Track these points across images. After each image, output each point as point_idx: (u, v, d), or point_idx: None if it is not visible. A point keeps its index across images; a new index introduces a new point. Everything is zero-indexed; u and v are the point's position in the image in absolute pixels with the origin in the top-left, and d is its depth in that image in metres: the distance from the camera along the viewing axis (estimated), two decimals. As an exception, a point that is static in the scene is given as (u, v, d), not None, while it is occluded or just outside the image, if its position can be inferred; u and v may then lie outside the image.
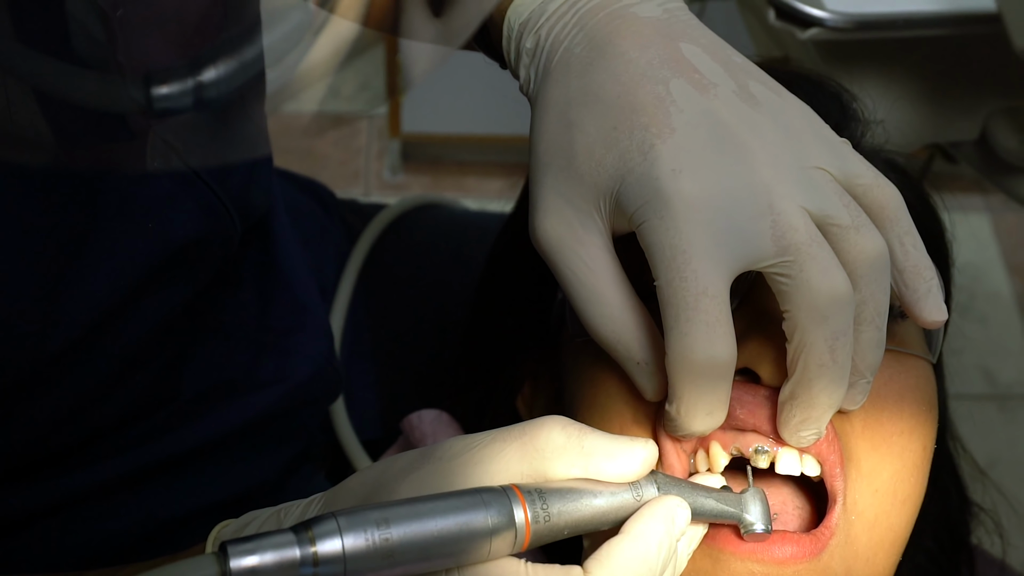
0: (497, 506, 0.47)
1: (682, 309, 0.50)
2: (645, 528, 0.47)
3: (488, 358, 0.75)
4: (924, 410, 0.60)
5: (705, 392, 0.51)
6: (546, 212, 0.54)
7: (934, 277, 0.55)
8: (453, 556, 0.46)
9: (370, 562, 0.45)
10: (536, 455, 0.48)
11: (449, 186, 2.00)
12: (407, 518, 0.46)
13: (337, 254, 0.95)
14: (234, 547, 0.44)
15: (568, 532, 0.48)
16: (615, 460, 0.48)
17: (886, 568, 0.58)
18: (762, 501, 0.53)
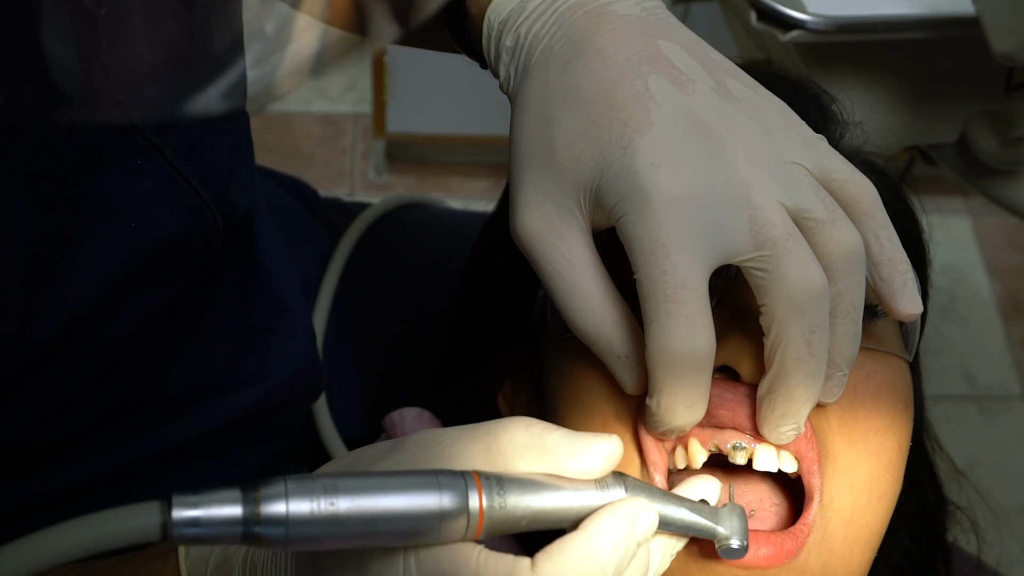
0: (451, 489, 0.46)
1: (661, 302, 0.50)
2: (601, 526, 0.47)
3: (469, 356, 0.76)
4: (900, 408, 0.60)
5: (685, 385, 0.51)
6: (526, 208, 0.55)
7: (909, 271, 0.55)
8: (401, 535, 0.46)
9: (313, 528, 0.45)
10: (499, 455, 0.48)
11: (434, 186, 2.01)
12: (356, 490, 0.46)
13: (320, 253, 0.95)
14: (179, 498, 0.45)
15: (527, 524, 0.48)
16: (577, 457, 0.48)
17: (862, 564, 0.58)
18: (740, 517, 0.52)
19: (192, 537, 0.45)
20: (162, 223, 0.64)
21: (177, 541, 0.44)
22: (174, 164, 0.65)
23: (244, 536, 0.45)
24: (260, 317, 0.79)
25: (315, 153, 2.05)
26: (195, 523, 0.44)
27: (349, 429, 0.90)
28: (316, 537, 0.45)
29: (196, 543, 0.45)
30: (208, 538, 0.45)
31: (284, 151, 2.02)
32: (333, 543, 0.46)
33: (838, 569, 0.57)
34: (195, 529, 0.44)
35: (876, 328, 0.62)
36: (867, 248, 0.54)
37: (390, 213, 1.00)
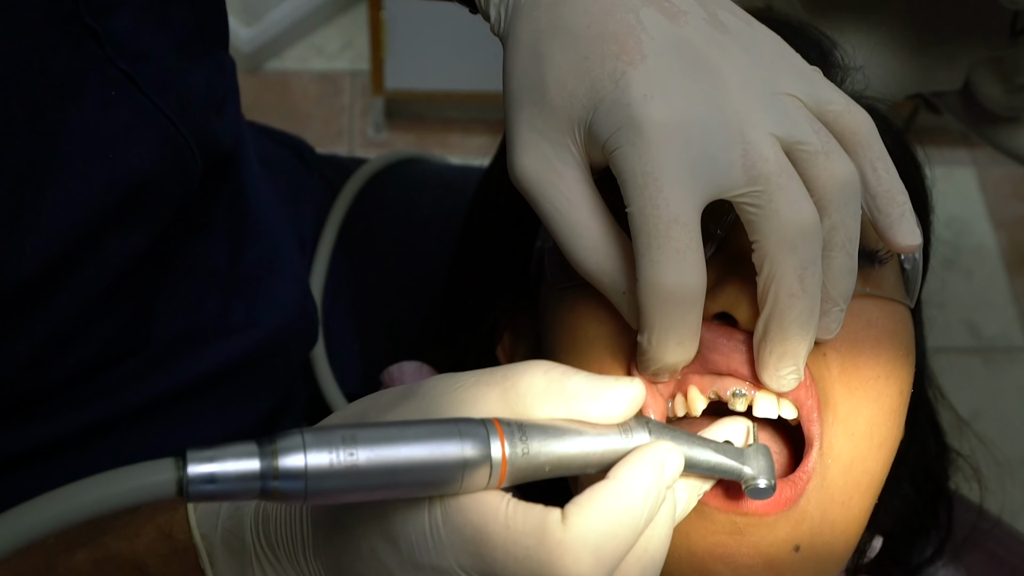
0: (473, 437, 0.45)
1: (653, 237, 0.50)
2: (630, 473, 0.46)
3: (468, 309, 0.75)
4: (901, 355, 0.60)
5: (676, 320, 0.51)
6: (523, 148, 0.54)
7: (907, 202, 0.55)
8: (422, 485, 0.45)
9: (333, 481, 0.44)
10: (517, 399, 0.47)
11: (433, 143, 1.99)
12: (376, 440, 0.44)
13: (316, 209, 0.94)
14: (194, 453, 0.43)
15: (550, 470, 0.47)
16: (599, 400, 0.47)
17: (862, 511, 0.58)
18: (766, 456, 0.51)
19: (208, 494, 0.43)
20: (138, 156, 0.63)
21: (193, 499, 0.43)
22: (149, 96, 0.64)
23: (262, 491, 0.43)
24: (249, 264, 0.78)
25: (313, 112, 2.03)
26: (211, 479, 0.43)
27: (349, 384, 0.90)
28: (336, 490, 0.44)
29: (212, 499, 0.44)
30: (225, 494, 0.43)
31: (282, 110, 2.00)
32: (353, 496, 0.44)
33: (837, 516, 0.57)
34: (211, 486, 0.43)
35: (877, 274, 0.61)
36: (863, 180, 0.54)
37: (388, 169, 1.00)
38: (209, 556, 0.51)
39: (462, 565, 0.45)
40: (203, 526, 0.52)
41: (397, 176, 1.00)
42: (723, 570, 0.54)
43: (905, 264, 0.63)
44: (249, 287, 0.78)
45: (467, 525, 0.45)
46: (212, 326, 0.76)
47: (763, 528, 0.54)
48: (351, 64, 2.11)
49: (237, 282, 0.78)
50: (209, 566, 0.51)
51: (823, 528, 0.56)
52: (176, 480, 0.43)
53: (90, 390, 0.71)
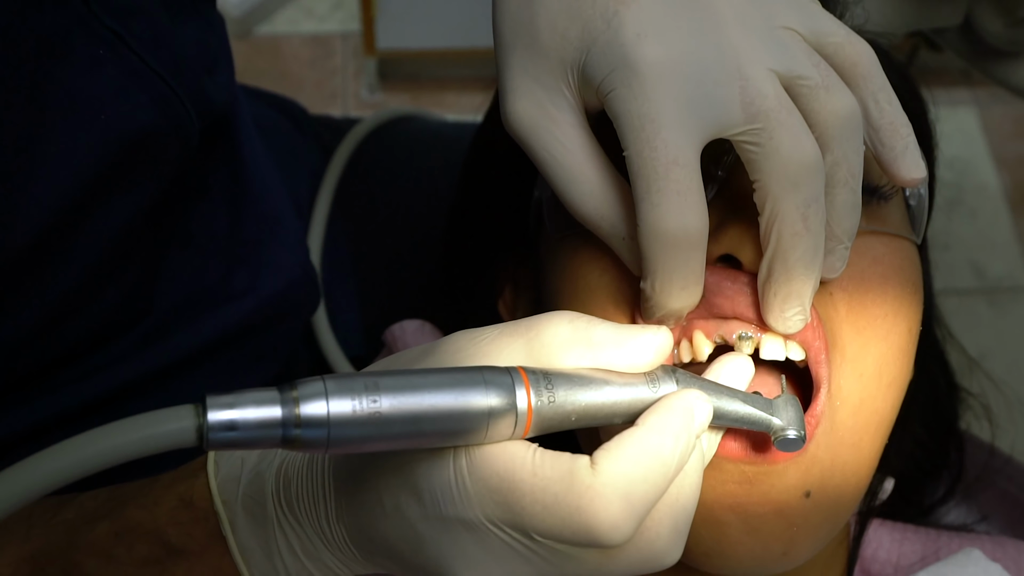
0: (498, 385, 0.44)
1: (652, 179, 0.49)
2: (660, 421, 0.45)
3: (468, 263, 0.74)
4: (909, 292, 0.59)
5: (679, 264, 0.50)
6: (516, 94, 0.53)
7: (911, 134, 0.53)
8: (446, 434, 0.44)
9: (355, 428, 0.42)
10: (542, 350, 0.46)
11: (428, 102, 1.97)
12: (399, 388, 0.43)
13: (311, 171, 0.93)
14: (214, 399, 0.42)
15: (576, 419, 0.46)
16: (625, 349, 0.47)
17: (872, 452, 0.58)
18: (795, 407, 0.50)
19: (228, 441, 0.42)
20: (131, 117, 0.62)
21: (212, 446, 0.42)
22: (139, 54, 0.62)
23: (284, 439, 0.42)
24: (250, 228, 0.77)
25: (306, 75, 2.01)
26: (232, 426, 0.42)
27: (352, 347, 0.89)
28: (359, 438, 0.43)
29: (232, 448, 0.42)
30: (245, 442, 0.42)
31: (274, 75, 1.98)
32: (376, 444, 0.43)
33: (848, 459, 0.56)
34: (232, 433, 0.42)
35: (882, 211, 0.60)
36: (866, 112, 0.53)
37: (382, 128, 0.98)
38: (230, 522, 0.51)
39: (489, 516, 0.45)
40: (224, 492, 0.51)
41: (392, 135, 0.99)
42: (733, 520, 0.54)
43: (910, 200, 0.62)
44: (250, 252, 0.77)
45: (493, 475, 0.44)
46: (214, 292, 0.75)
47: (773, 476, 0.54)
48: (342, 25, 2.08)
49: (238, 247, 0.77)
50: (231, 532, 0.51)
51: (834, 472, 0.55)
52: (196, 427, 0.42)
53: (94, 362, 0.70)
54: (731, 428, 0.52)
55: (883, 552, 0.67)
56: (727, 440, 0.53)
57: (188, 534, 0.51)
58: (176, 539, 0.52)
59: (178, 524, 0.51)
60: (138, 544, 0.52)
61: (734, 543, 0.54)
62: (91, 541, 0.53)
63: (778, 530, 0.54)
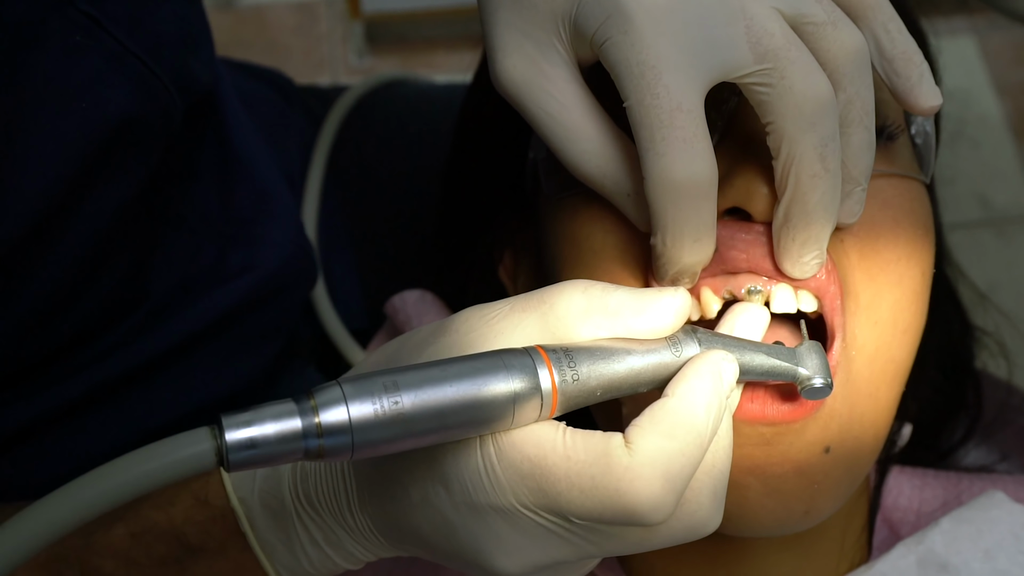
0: (519, 368, 0.43)
1: (656, 128, 0.47)
2: (690, 388, 0.44)
3: (465, 230, 0.73)
4: (921, 234, 0.57)
5: (690, 216, 0.48)
6: (505, 51, 0.51)
7: (924, 62, 0.52)
8: (473, 424, 0.43)
9: (380, 431, 0.41)
10: (558, 323, 0.44)
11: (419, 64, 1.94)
12: (419, 383, 0.42)
13: (302, 143, 0.92)
14: (230, 419, 0.41)
15: (602, 394, 0.44)
16: (645, 315, 0.45)
17: (890, 402, 0.56)
18: (819, 354, 0.49)
19: (250, 460, 0.41)
20: (113, 102, 0.60)
21: (236, 467, 0.40)
22: (117, 37, 0.61)
23: (307, 451, 0.41)
24: (241, 207, 0.76)
25: (292, 43, 1.98)
26: (251, 444, 0.40)
27: (354, 320, 0.88)
28: (384, 440, 0.42)
29: (254, 466, 0.41)
30: (268, 459, 0.41)
31: (260, 45, 1.95)
32: (402, 444, 0.42)
33: (866, 409, 0.55)
34: (253, 451, 0.40)
35: (889, 152, 0.58)
36: (878, 44, 0.51)
37: (371, 94, 0.96)
38: (249, 519, 0.50)
39: (523, 502, 0.43)
40: (240, 489, 0.50)
41: (382, 100, 0.97)
42: (753, 483, 0.53)
43: (916, 138, 0.60)
44: (243, 230, 0.76)
45: (524, 460, 0.43)
46: (209, 274, 0.74)
47: (791, 435, 0.52)
48: (326, -9, 2.04)
49: (230, 226, 0.75)
50: (250, 529, 0.50)
51: (852, 425, 0.54)
52: (214, 449, 0.41)
53: (92, 351, 0.69)
54: (747, 387, 0.50)
55: (904, 499, 0.66)
56: (743, 402, 0.52)
57: (206, 532, 0.50)
58: (194, 538, 0.51)
59: (195, 523, 0.50)
60: (156, 544, 0.51)
61: (755, 506, 0.53)
62: (107, 543, 0.52)
63: (799, 489, 0.53)
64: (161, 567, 0.51)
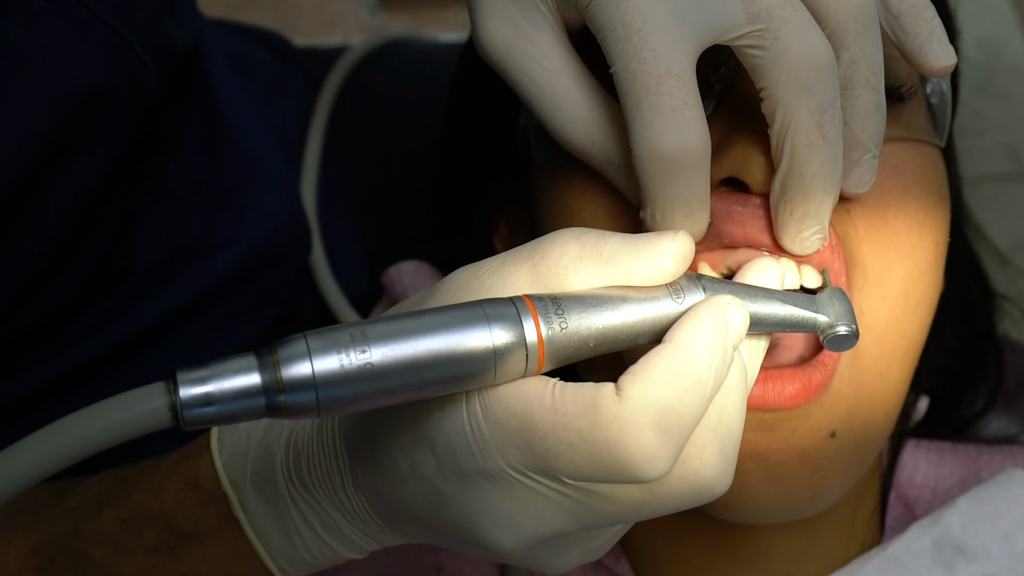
0: (501, 318, 0.39)
1: (644, 95, 0.44)
2: (689, 334, 0.40)
3: (458, 199, 0.70)
4: (934, 202, 0.54)
5: (680, 188, 0.45)
6: (488, 16, 0.48)
7: (935, 17, 0.48)
8: (451, 381, 0.40)
9: (347, 387, 0.38)
10: (550, 272, 0.41)
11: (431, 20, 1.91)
12: (391, 335, 0.39)
13: (300, 106, 0.89)
14: (185, 374, 0.38)
15: (595, 345, 0.41)
16: (642, 261, 0.42)
17: (901, 379, 0.53)
18: (841, 300, 0.45)
19: (207, 417, 0.38)
20: (80, 70, 0.58)
21: (191, 425, 0.38)
22: (83, 2, 0.58)
23: (268, 407, 0.38)
24: (229, 174, 0.74)
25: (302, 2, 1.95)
26: (208, 400, 0.38)
27: (357, 287, 0.86)
28: (352, 397, 0.39)
29: (212, 423, 0.39)
30: (225, 416, 0.38)
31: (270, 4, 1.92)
32: (373, 401, 0.39)
33: (875, 389, 0.52)
34: (210, 408, 0.38)
35: (901, 114, 0.55)
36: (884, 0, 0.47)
37: (372, 55, 0.94)
38: (241, 502, 0.48)
39: (512, 463, 0.41)
40: (231, 472, 0.48)
41: (384, 61, 0.94)
42: (754, 469, 0.50)
43: (931, 98, 0.57)
44: (232, 199, 0.74)
45: (511, 417, 0.40)
46: (197, 243, 0.72)
47: (794, 420, 0.50)
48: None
49: (219, 194, 0.73)
50: (242, 513, 0.48)
51: (860, 406, 0.51)
52: (168, 406, 0.38)
53: (80, 325, 0.67)
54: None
55: (920, 476, 0.64)
56: None
57: (197, 517, 0.49)
58: (185, 523, 0.49)
59: (185, 508, 0.49)
60: (146, 530, 0.49)
61: (756, 492, 0.50)
62: (97, 529, 0.50)
63: (803, 476, 0.50)
64: (152, 554, 0.50)
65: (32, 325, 0.65)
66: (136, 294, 0.69)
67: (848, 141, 0.47)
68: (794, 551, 0.59)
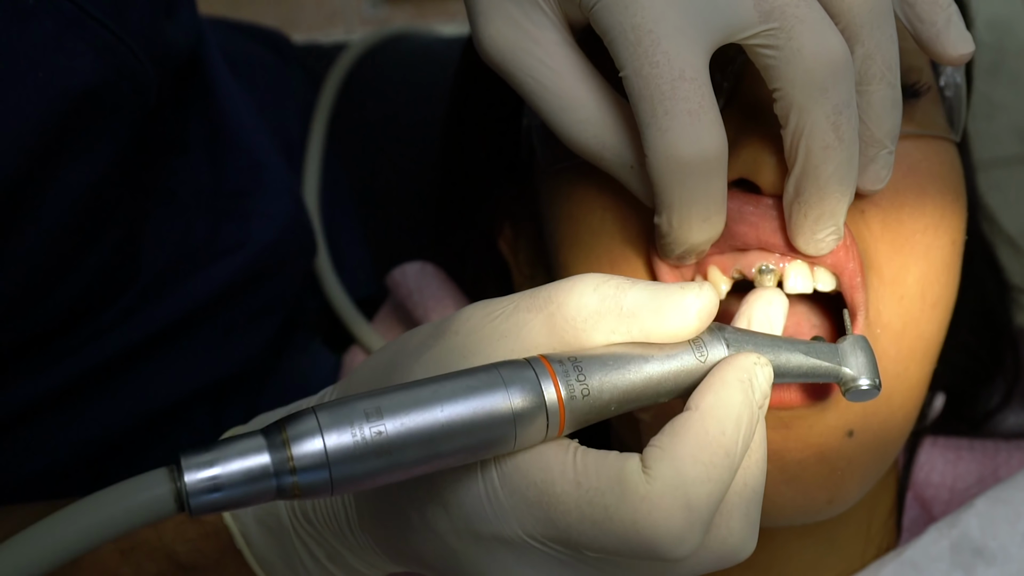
0: (520, 383, 0.38)
1: (658, 100, 0.42)
2: (717, 400, 0.39)
3: (463, 200, 0.69)
4: (950, 200, 0.53)
5: (698, 194, 0.44)
6: (488, 17, 0.47)
7: (951, 3, 0.47)
8: (469, 451, 0.38)
9: (361, 464, 0.37)
10: (567, 326, 0.40)
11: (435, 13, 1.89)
12: (405, 408, 0.37)
13: (300, 105, 0.88)
14: (189, 458, 0.37)
15: (616, 408, 0.40)
16: (664, 316, 0.40)
17: (920, 379, 0.52)
18: (864, 350, 0.44)
19: (216, 504, 0.37)
20: (71, 70, 0.56)
21: (199, 512, 0.37)
22: (76, 1, 0.57)
23: (279, 490, 0.37)
24: (233, 179, 0.72)
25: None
26: (215, 486, 0.36)
27: (362, 288, 0.85)
28: (367, 474, 0.37)
29: (222, 509, 0.37)
30: (235, 502, 0.37)
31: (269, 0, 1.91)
32: (389, 477, 0.38)
33: (893, 390, 0.51)
34: (217, 495, 0.36)
35: (915, 110, 0.53)
36: None
37: (373, 51, 0.92)
38: (244, 536, 0.47)
39: (530, 532, 0.39)
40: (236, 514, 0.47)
41: (385, 57, 0.93)
42: (770, 469, 0.49)
43: (946, 91, 0.55)
44: (236, 204, 0.73)
45: (530, 487, 0.39)
46: (203, 249, 0.71)
47: (810, 418, 0.48)
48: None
49: (223, 200, 0.72)
50: (246, 546, 0.47)
51: (878, 406, 0.50)
52: (173, 493, 0.37)
53: (85, 332, 0.66)
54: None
55: (937, 475, 0.62)
56: None
57: (198, 550, 0.48)
58: (185, 556, 0.48)
59: (186, 540, 0.48)
60: (146, 563, 0.48)
61: (772, 494, 0.49)
62: (95, 561, 0.49)
63: (820, 477, 0.49)
64: None
65: (37, 331, 0.64)
66: (142, 300, 0.68)
67: (864, 138, 0.46)
68: (810, 556, 0.58)
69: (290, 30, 1.00)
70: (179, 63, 0.68)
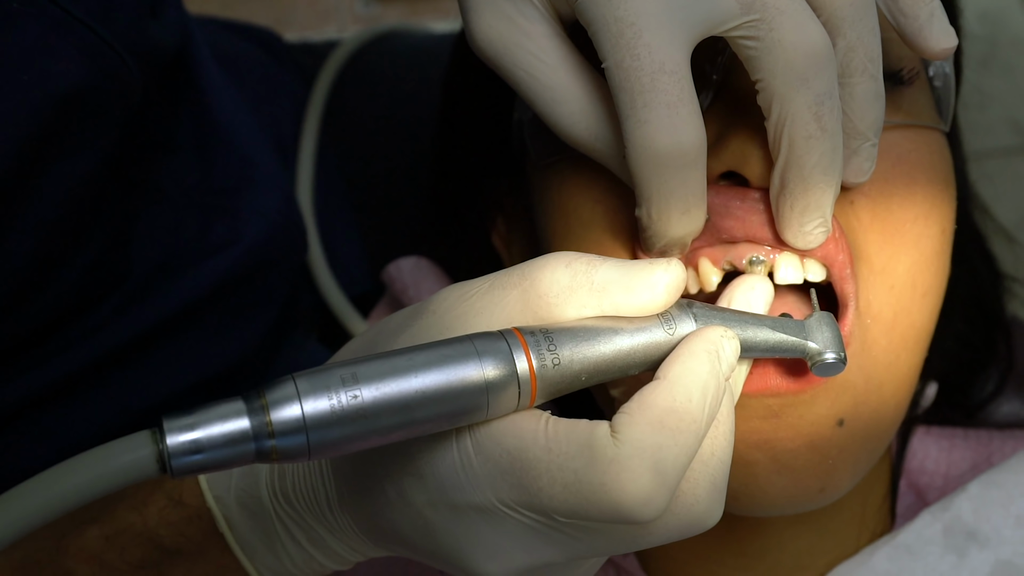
0: (493, 353, 0.39)
1: (638, 92, 0.43)
2: (683, 371, 0.40)
3: (454, 195, 0.69)
4: (940, 189, 0.53)
5: (676, 186, 0.44)
6: (480, 11, 0.47)
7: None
8: (443, 418, 0.39)
9: (338, 428, 0.38)
10: (540, 301, 0.41)
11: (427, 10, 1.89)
12: (381, 375, 0.38)
13: (293, 103, 0.88)
14: (171, 421, 0.38)
15: (587, 379, 0.41)
16: (634, 291, 0.41)
17: (911, 368, 0.53)
18: (830, 326, 0.45)
19: (197, 466, 0.38)
20: (57, 73, 0.57)
21: (179, 473, 0.38)
22: (60, 3, 0.57)
23: (258, 453, 0.38)
24: (223, 176, 0.73)
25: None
26: (196, 448, 0.38)
27: (358, 284, 0.85)
28: (344, 439, 0.38)
29: (202, 471, 0.38)
30: (215, 463, 0.38)
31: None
32: (365, 442, 0.39)
33: (884, 379, 0.51)
34: (198, 456, 0.38)
35: (903, 99, 0.53)
36: None
37: (365, 48, 0.93)
38: (226, 519, 0.47)
39: (503, 500, 0.40)
40: (215, 488, 0.47)
41: (377, 54, 0.93)
42: (761, 458, 0.49)
43: (935, 81, 0.56)
44: (226, 201, 0.73)
45: (503, 454, 0.40)
46: (193, 247, 0.71)
47: (801, 406, 0.49)
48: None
49: (213, 197, 0.73)
50: (227, 529, 0.47)
51: (868, 395, 0.50)
52: (155, 455, 0.38)
53: (76, 331, 0.67)
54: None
55: (931, 463, 0.63)
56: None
57: (181, 534, 0.48)
58: (169, 540, 0.48)
59: (169, 524, 0.48)
60: (130, 547, 0.49)
61: (764, 483, 0.49)
62: (81, 546, 0.50)
63: (811, 465, 0.50)
64: (138, 571, 0.49)
65: (29, 329, 0.64)
66: (133, 298, 0.68)
67: (847, 130, 0.47)
68: (804, 543, 0.58)
69: (283, 29, 1.00)
70: (166, 63, 0.68)
